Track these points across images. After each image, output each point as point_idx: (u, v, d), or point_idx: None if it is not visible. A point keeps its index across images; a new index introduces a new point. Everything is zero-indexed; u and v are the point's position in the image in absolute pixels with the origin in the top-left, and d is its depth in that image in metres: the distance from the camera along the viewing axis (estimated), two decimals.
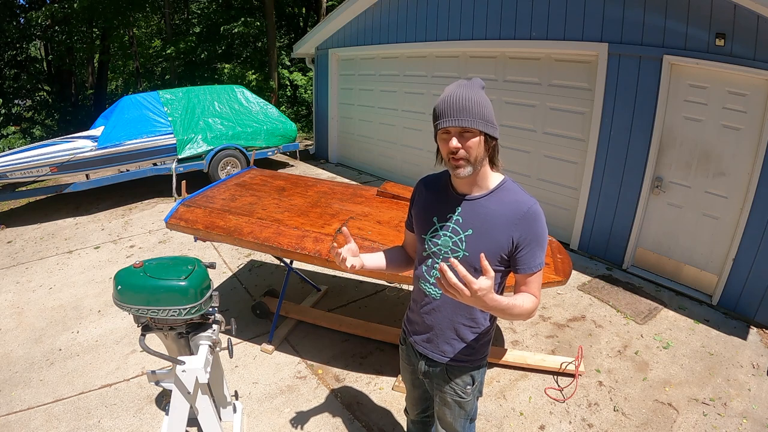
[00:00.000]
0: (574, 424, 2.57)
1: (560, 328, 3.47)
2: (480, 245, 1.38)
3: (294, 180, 3.72)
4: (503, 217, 1.37)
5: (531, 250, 1.37)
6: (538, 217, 1.37)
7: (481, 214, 1.39)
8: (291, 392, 2.79)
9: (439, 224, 1.45)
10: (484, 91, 1.34)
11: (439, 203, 1.47)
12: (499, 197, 1.39)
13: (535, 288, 1.43)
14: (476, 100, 1.28)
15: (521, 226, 1.36)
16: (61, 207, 6.21)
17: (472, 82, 1.33)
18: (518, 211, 1.36)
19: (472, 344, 1.52)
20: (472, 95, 1.28)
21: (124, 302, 1.71)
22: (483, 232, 1.39)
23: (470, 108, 1.27)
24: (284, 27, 16.51)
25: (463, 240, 1.41)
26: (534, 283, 1.42)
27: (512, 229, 1.36)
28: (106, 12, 12.01)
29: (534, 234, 1.37)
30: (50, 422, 2.55)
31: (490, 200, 1.40)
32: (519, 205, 1.37)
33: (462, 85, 1.31)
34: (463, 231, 1.41)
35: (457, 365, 1.55)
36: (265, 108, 7.73)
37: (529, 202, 1.38)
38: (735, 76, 3.36)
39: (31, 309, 3.74)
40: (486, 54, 5.31)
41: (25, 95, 13.71)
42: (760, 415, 2.64)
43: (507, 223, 1.36)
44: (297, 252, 2.59)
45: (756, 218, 3.36)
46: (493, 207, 1.38)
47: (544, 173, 4.92)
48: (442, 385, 1.60)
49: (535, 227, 1.37)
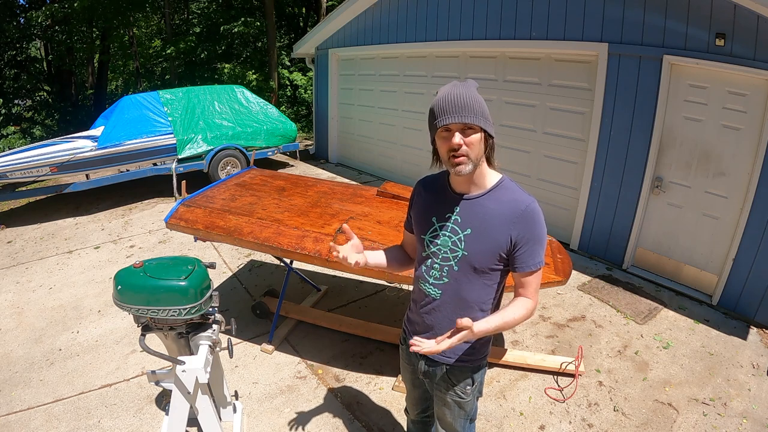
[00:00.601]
0: (574, 424, 2.57)
1: (560, 328, 3.47)
2: (479, 245, 1.39)
3: (294, 180, 3.72)
4: (501, 216, 1.37)
5: (529, 248, 1.37)
6: (536, 216, 1.37)
7: (479, 214, 1.40)
8: (291, 392, 2.79)
9: (438, 224, 1.46)
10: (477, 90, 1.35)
11: (438, 204, 1.48)
12: (497, 196, 1.40)
13: (533, 288, 1.42)
14: (475, 98, 1.30)
15: (519, 224, 1.36)
16: (61, 207, 6.21)
17: (467, 82, 1.34)
18: (516, 209, 1.36)
19: (472, 344, 1.52)
20: (470, 93, 1.30)
21: (124, 302, 1.71)
22: (481, 232, 1.39)
23: (471, 105, 1.28)
24: (284, 27, 16.51)
25: (462, 239, 1.41)
26: (532, 283, 1.42)
27: (510, 227, 1.36)
28: (106, 12, 12.01)
29: (532, 232, 1.37)
30: (50, 422, 2.55)
31: (488, 199, 1.40)
32: (517, 203, 1.37)
33: (457, 85, 1.32)
34: (462, 231, 1.41)
35: (457, 365, 1.55)
36: (265, 108, 7.73)
37: (527, 200, 1.38)
38: (735, 76, 3.36)
39: (31, 309, 3.74)
40: (486, 54, 5.31)
41: (25, 95, 13.71)
42: (760, 415, 2.64)
43: (505, 221, 1.36)
44: (297, 252, 2.59)
45: (756, 218, 3.36)
46: (492, 206, 1.39)
47: (544, 173, 4.92)
48: (441, 385, 1.60)
49: (533, 226, 1.37)
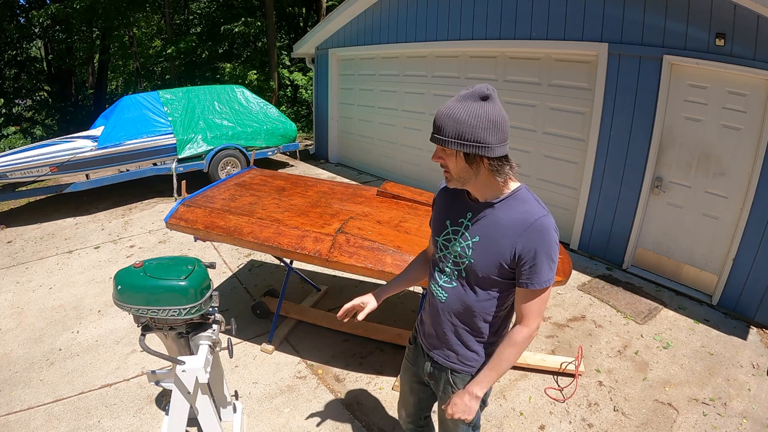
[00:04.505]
0: (574, 424, 2.57)
1: (560, 328, 3.47)
2: (485, 254, 1.36)
3: (294, 180, 3.72)
4: (510, 226, 1.32)
5: (534, 264, 1.30)
6: (545, 231, 1.30)
7: (489, 222, 1.36)
8: (291, 392, 2.79)
9: (451, 228, 1.45)
10: (488, 102, 1.23)
11: (454, 207, 1.46)
12: (510, 205, 1.34)
13: (533, 310, 1.35)
14: (456, 118, 1.22)
15: (525, 237, 1.29)
16: (61, 207, 6.21)
17: (471, 92, 1.24)
18: (525, 221, 1.30)
19: (476, 352, 1.49)
20: (454, 112, 1.23)
21: (124, 302, 1.71)
22: (489, 240, 1.35)
23: (445, 126, 1.24)
24: (284, 27, 16.51)
25: (470, 246, 1.39)
26: (533, 304, 1.34)
27: (516, 239, 1.31)
28: (107, 11, 12.01)
29: (538, 247, 1.29)
30: (50, 422, 2.55)
31: (500, 208, 1.35)
32: (527, 215, 1.31)
33: (456, 98, 1.25)
34: (471, 237, 1.39)
35: (461, 372, 1.52)
36: (265, 108, 7.73)
37: (539, 213, 1.31)
38: (735, 76, 3.36)
39: (31, 309, 3.74)
40: (486, 54, 5.31)
41: (26, 95, 13.71)
42: (760, 415, 2.64)
43: (512, 232, 1.31)
44: (297, 252, 2.59)
45: (756, 218, 3.36)
46: (502, 215, 1.34)
47: (544, 173, 4.92)
48: (447, 390, 1.56)
49: (540, 240, 1.29)
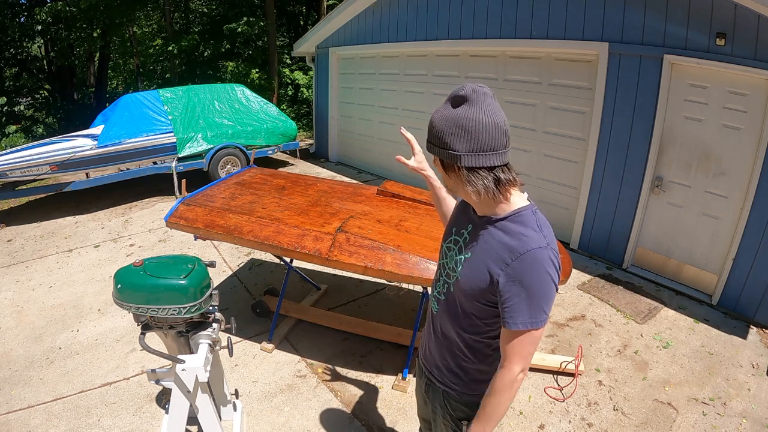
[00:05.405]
0: (574, 423, 2.57)
1: (560, 327, 3.47)
2: (470, 274, 1.23)
3: (294, 179, 3.72)
4: (498, 250, 1.16)
5: (515, 303, 1.12)
6: (536, 264, 1.11)
7: (483, 241, 1.22)
8: (291, 391, 2.79)
9: (453, 237, 1.35)
10: (465, 105, 1.11)
11: (462, 217, 1.37)
12: (507, 227, 1.18)
13: (515, 352, 1.15)
14: (431, 120, 1.17)
15: (510, 268, 1.13)
16: (61, 205, 6.20)
17: (451, 93, 1.15)
18: (515, 249, 1.13)
19: (463, 375, 1.36)
20: (433, 114, 1.18)
21: (124, 301, 1.71)
22: (477, 261, 1.22)
23: (430, 131, 1.18)
24: (285, 26, 16.49)
25: (461, 262, 1.27)
26: (514, 345, 1.14)
27: (501, 266, 1.14)
28: (109, 8, 11.99)
29: (523, 282, 1.11)
30: (50, 421, 2.56)
31: (496, 228, 1.20)
32: (520, 243, 1.13)
33: (440, 107, 1.18)
34: (464, 252, 1.27)
35: (452, 393, 1.39)
36: (265, 107, 7.73)
37: (534, 243, 1.12)
38: (735, 75, 3.36)
39: (31, 307, 3.74)
40: (486, 53, 5.31)
41: (26, 94, 13.71)
42: (760, 415, 2.64)
43: (498, 259, 1.15)
44: (297, 251, 2.59)
45: (756, 218, 3.36)
46: (495, 236, 1.19)
47: (545, 172, 4.92)
48: (438, 411, 1.45)
49: (527, 274, 1.11)
